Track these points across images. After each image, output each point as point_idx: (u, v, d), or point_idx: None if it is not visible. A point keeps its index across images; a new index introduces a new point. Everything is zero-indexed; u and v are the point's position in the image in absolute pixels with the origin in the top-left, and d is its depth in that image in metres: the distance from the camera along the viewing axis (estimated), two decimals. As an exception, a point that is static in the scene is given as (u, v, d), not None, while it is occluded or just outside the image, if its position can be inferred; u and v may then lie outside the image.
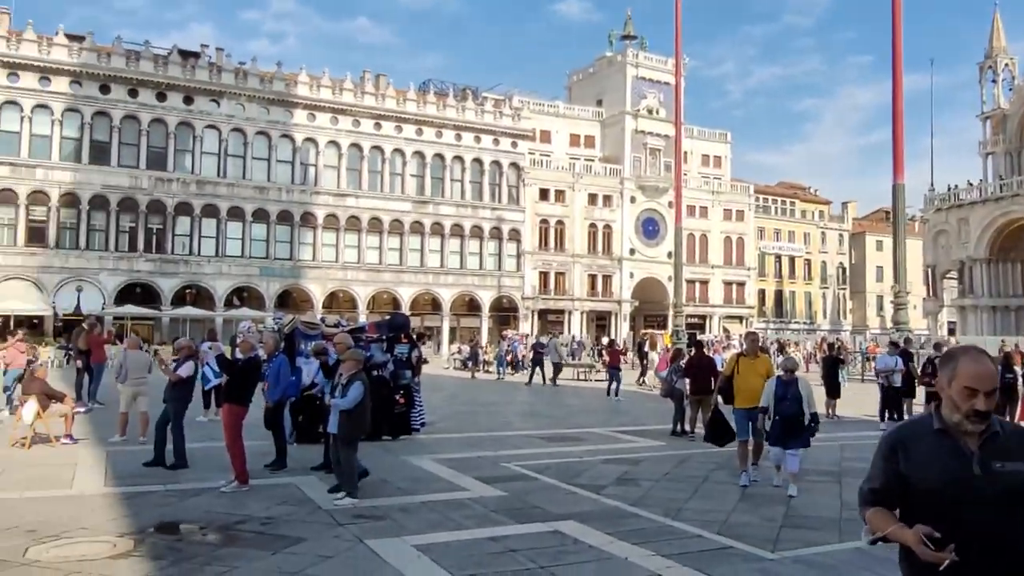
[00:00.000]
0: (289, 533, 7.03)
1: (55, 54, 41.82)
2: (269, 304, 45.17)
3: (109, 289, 42.05)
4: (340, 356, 9.24)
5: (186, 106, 44.67)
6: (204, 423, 14.50)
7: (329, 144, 48.42)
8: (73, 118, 42.01)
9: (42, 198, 41.10)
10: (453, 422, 15.94)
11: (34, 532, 6.92)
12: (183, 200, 44.21)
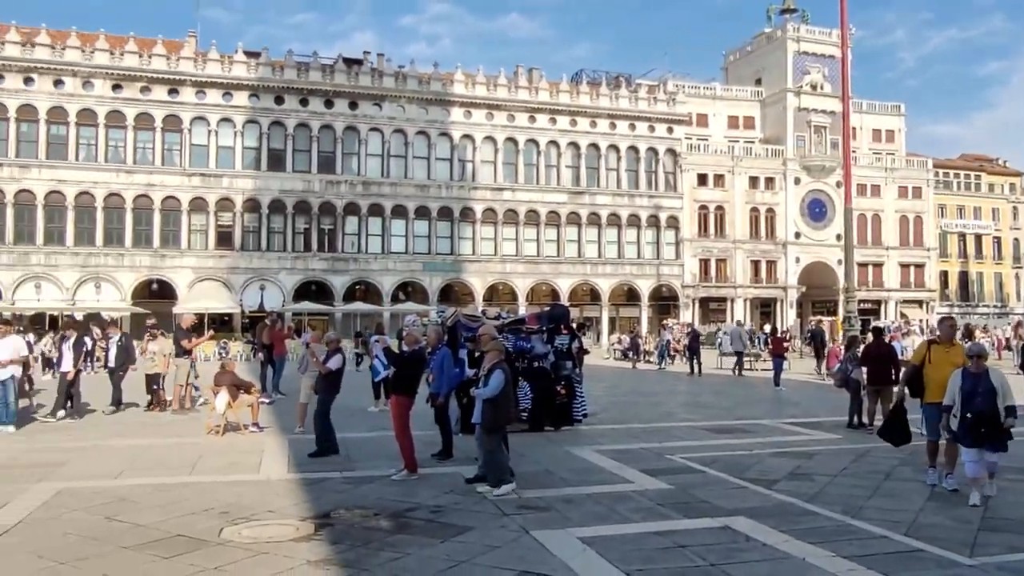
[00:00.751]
0: (457, 522, 7.18)
1: (235, 71, 45.08)
2: (432, 298, 46.71)
3: (288, 287, 44.93)
4: (483, 347, 9.31)
5: (351, 111, 46.90)
6: (374, 413, 15.15)
7: (485, 140, 49.35)
8: (252, 129, 45.14)
9: (228, 205, 44.47)
10: (615, 413, 15.80)
11: (227, 514, 7.46)
12: (351, 201, 46.48)
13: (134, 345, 16.82)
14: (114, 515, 7.41)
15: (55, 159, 41.78)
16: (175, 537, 6.69)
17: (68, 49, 42.30)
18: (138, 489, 8.56)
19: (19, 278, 40.80)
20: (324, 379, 10.80)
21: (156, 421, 14.31)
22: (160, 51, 43.94)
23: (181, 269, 43.45)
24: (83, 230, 42.14)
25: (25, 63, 41.45)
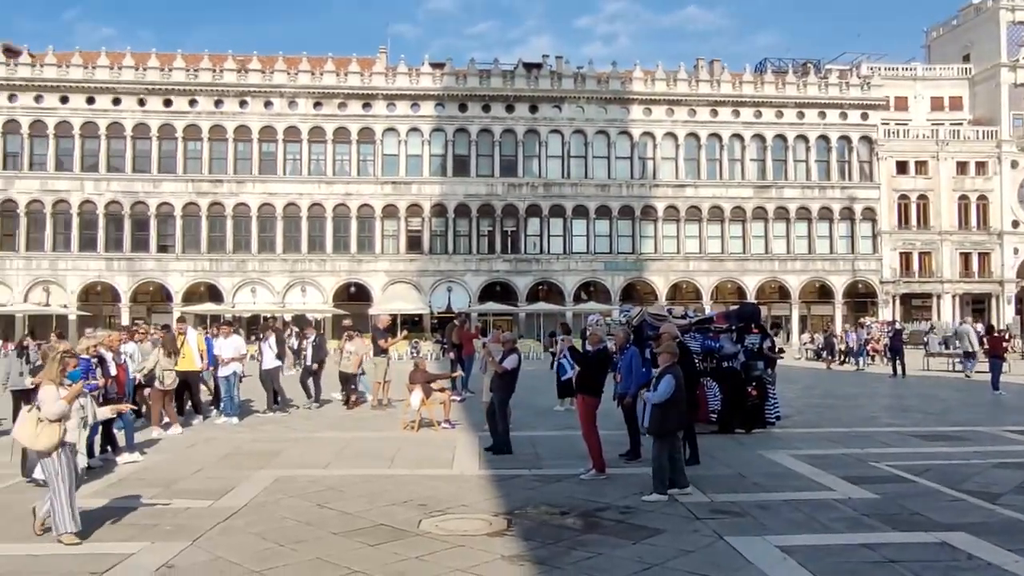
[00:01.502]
0: (647, 524, 7.10)
1: (422, 82, 47.19)
2: (614, 298, 46.57)
3: (473, 288, 46.42)
4: (657, 349, 9.05)
5: (532, 114, 47.73)
6: (560, 412, 15.30)
7: (666, 136, 48.58)
8: (439, 137, 47.06)
9: (417, 210, 46.62)
10: (810, 416, 15.03)
11: (425, 506, 7.79)
12: (533, 202, 47.29)
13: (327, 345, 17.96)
14: (325, 503, 7.96)
15: (266, 174, 45.61)
16: (379, 526, 7.07)
17: (276, 73, 46.02)
18: (345, 479, 9.14)
19: (238, 283, 44.91)
20: (500, 378, 10.99)
21: (356, 416, 15.22)
22: (355, 68, 46.80)
23: (375, 273, 46.05)
24: (290, 238, 45.68)
25: (240, 88, 45.54)
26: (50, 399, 6.53)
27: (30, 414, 6.57)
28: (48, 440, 6.46)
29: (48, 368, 6.83)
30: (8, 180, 43.86)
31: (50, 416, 6.46)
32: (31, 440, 6.53)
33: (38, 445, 6.50)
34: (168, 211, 44.95)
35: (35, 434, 6.47)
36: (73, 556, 6.20)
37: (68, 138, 44.66)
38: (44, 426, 6.45)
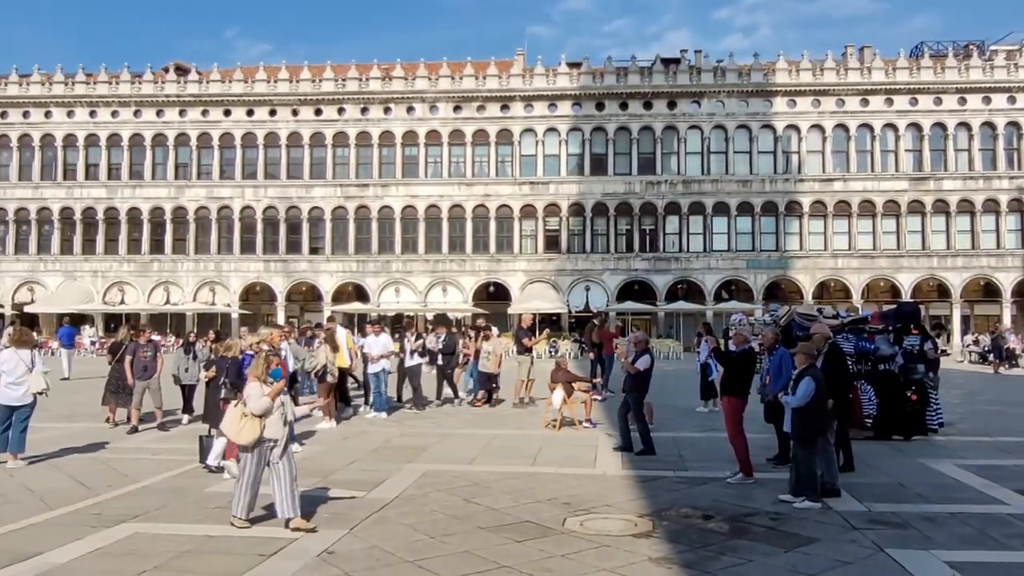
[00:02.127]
0: (800, 531, 6.86)
1: (559, 82, 47.40)
2: (757, 296, 45.10)
3: (611, 287, 46.18)
4: (793, 350, 8.65)
5: (670, 111, 46.95)
6: (704, 413, 15.02)
7: (812, 128, 46.56)
8: (576, 136, 47.11)
9: (554, 210, 46.87)
10: (976, 423, 14.04)
11: (569, 505, 7.86)
12: (672, 200, 46.52)
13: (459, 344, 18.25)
14: (471, 498, 8.17)
15: (409, 177, 47.16)
16: (524, 523, 7.19)
17: (418, 79, 47.49)
18: (490, 475, 9.34)
19: (383, 283, 46.69)
20: (632, 379, 10.93)
21: (497, 414, 15.50)
22: (493, 71, 47.59)
23: (514, 272, 46.65)
24: (432, 239, 47.00)
25: (384, 95, 47.31)
26: (255, 395, 6.91)
27: (236, 409, 6.96)
28: (250, 435, 6.84)
29: (254, 366, 7.23)
30: (179, 189, 47.47)
31: (255, 411, 6.85)
32: (235, 434, 6.90)
33: (241, 439, 6.89)
34: (319, 215, 47.29)
35: (239, 428, 6.86)
36: (244, 538, 6.67)
37: (230, 148, 47.83)
38: (247, 421, 6.85)
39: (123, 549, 6.39)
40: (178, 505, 7.90)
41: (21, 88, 48.38)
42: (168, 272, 47.28)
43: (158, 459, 10.45)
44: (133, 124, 47.88)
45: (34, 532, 6.91)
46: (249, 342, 10.30)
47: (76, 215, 47.56)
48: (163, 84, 48.35)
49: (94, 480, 9.09)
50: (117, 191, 47.59)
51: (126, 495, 8.38)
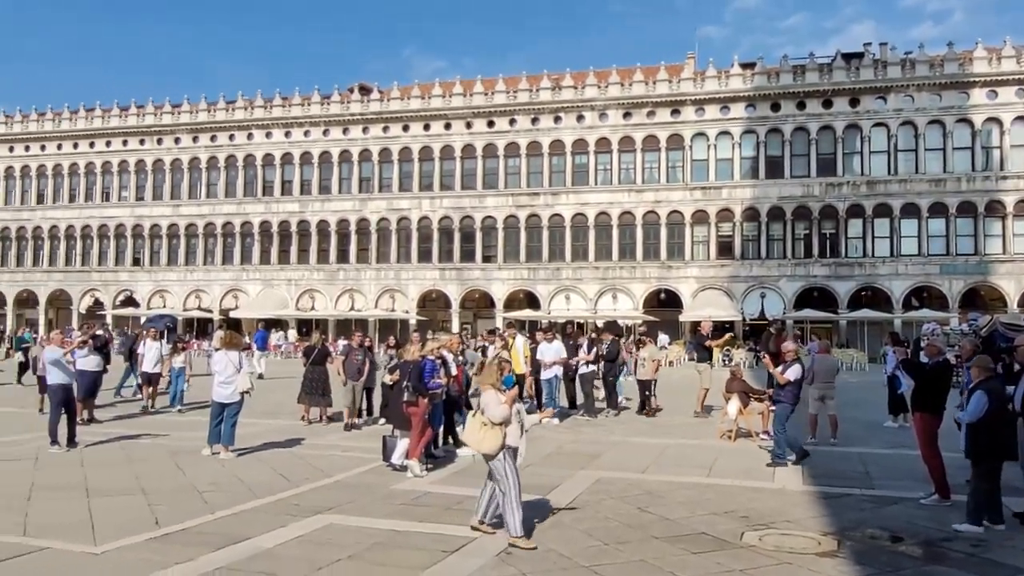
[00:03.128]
0: (1008, 561, 6.35)
1: (732, 84, 46.13)
2: (952, 304, 41.67)
3: (788, 295, 44.29)
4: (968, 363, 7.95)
5: (852, 108, 44.47)
6: (893, 428, 14.15)
7: (1016, 121, 42.49)
8: (749, 139, 45.65)
9: (727, 215, 45.62)
10: None
11: (747, 518, 7.67)
12: (854, 202, 44.01)
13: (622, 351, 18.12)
14: (645, 507, 8.16)
15: (579, 185, 47.50)
16: (700, 535, 7.10)
17: (587, 87, 47.78)
18: (663, 484, 9.28)
19: (553, 290, 47.25)
20: (780, 388, 10.59)
21: (669, 423, 15.30)
22: (663, 76, 47.05)
23: (685, 279, 45.80)
24: (601, 246, 47.04)
25: (554, 104, 47.95)
26: (494, 403, 6.85)
27: (475, 419, 6.90)
28: (492, 443, 6.75)
29: (487, 373, 7.25)
30: (362, 202, 50.34)
31: (494, 419, 6.77)
32: (477, 443, 6.82)
33: (484, 448, 6.81)
34: (491, 224, 48.59)
35: (480, 438, 6.79)
36: (427, 535, 7.02)
37: (409, 162, 50.16)
38: (488, 430, 6.79)
39: (320, 538, 6.91)
40: (367, 500, 8.43)
41: (227, 114, 53.15)
42: (353, 280, 50.21)
43: (348, 456, 11.18)
44: (322, 142, 51.31)
45: (244, 518, 7.61)
46: (429, 348, 10.78)
47: (273, 228, 51.56)
48: (348, 104, 51.50)
49: (293, 473, 9.86)
50: (308, 205, 51.14)
51: (321, 488, 9.04)
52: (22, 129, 56.52)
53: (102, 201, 54.81)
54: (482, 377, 7.24)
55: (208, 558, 6.26)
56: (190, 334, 47.16)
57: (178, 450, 11.51)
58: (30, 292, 55.93)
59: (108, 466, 10.24)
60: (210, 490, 8.81)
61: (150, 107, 54.65)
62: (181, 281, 52.84)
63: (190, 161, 53.32)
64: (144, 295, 53.16)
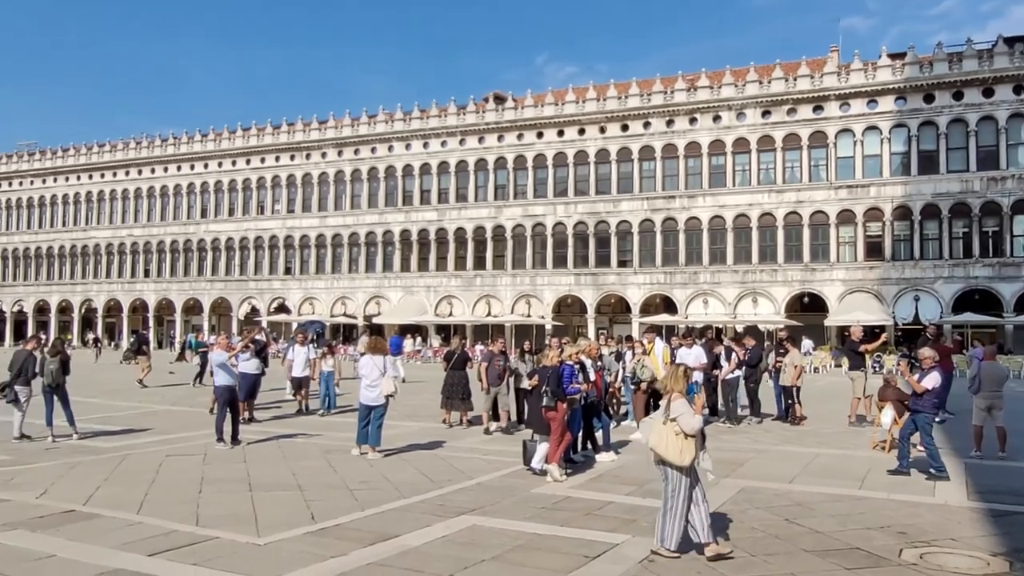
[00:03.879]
0: None
1: (879, 76, 43.76)
2: None
3: (945, 297, 41.49)
4: None
5: (1017, 96, 41.17)
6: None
7: None
8: (899, 133, 43.15)
9: (876, 214, 43.26)
10: None
11: (905, 535, 7.26)
12: (1020, 197, 40.73)
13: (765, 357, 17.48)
14: (793, 518, 7.87)
15: (716, 187, 46.38)
16: (853, 549, 6.79)
17: (723, 87, 46.63)
18: (812, 496, 8.92)
19: (690, 295, 46.32)
20: (918, 397, 9.92)
21: (816, 431, 14.68)
22: (804, 71, 45.26)
23: (831, 282, 43.78)
24: (740, 249, 45.72)
25: (690, 106, 47.09)
26: (687, 413, 6.59)
27: (665, 428, 6.58)
28: (689, 455, 6.50)
29: (673, 380, 6.88)
30: (498, 209, 51.15)
31: (690, 430, 6.53)
32: (676, 455, 6.50)
33: (683, 460, 6.50)
34: (626, 228, 48.20)
35: (679, 448, 6.50)
36: (569, 539, 7.06)
37: (543, 168, 50.56)
38: (684, 441, 6.51)
39: (465, 539, 7.09)
40: (509, 503, 8.57)
41: (369, 128, 55.43)
42: (489, 286, 51.08)
43: (488, 459, 11.39)
44: (459, 152, 52.57)
45: (392, 516, 7.90)
46: (568, 353, 10.83)
47: (413, 236, 53.24)
48: (483, 113, 52.51)
49: (436, 474, 10.16)
50: (446, 213, 52.49)
51: (464, 490, 9.26)
52: (188, 150, 61.05)
53: (257, 214, 58.38)
54: (668, 383, 6.90)
55: (360, 553, 6.55)
56: (337, 339, 49.39)
57: (330, 449, 12.10)
58: (196, 300, 60.28)
59: (267, 463, 10.90)
60: (360, 488, 9.21)
61: (299, 124, 57.79)
62: (328, 288, 55.45)
63: (335, 174, 55.92)
64: (295, 302, 56.16)
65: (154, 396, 21.27)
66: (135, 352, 27.41)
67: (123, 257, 63.36)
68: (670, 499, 6.58)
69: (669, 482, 6.60)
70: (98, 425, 14.47)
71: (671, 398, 6.71)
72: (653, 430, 6.69)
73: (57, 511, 7.91)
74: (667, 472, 6.62)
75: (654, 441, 6.63)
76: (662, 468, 6.66)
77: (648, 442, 6.72)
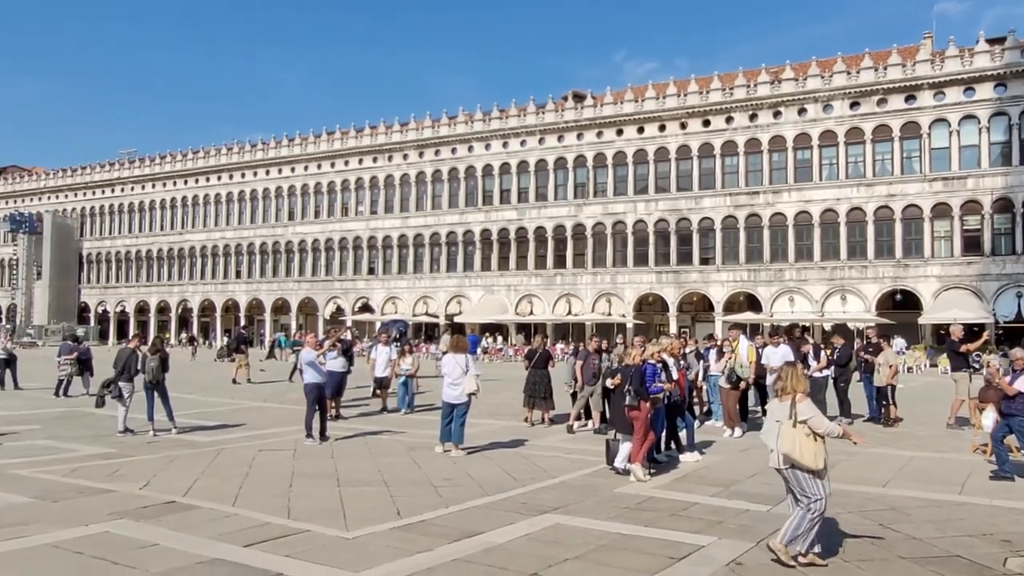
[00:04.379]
0: None
1: (977, 63, 41.76)
2: None
3: (1052, 294, 39.36)
4: None
5: None
6: None
7: None
8: (1000, 122, 41.11)
9: (974, 207, 41.34)
10: None
11: (1010, 543, 6.93)
12: None
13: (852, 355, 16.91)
14: (888, 523, 7.60)
15: (801, 181, 45.14)
16: (953, 557, 6.52)
17: (809, 79, 45.32)
18: (908, 500, 8.61)
19: (775, 292, 45.23)
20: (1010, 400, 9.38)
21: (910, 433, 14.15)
22: (895, 60, 43.61)
23: (925, 279, 42.07)
24: (828, 245, 44.38)
25: (774, 99, 45.95)
26: (819, 414, 6.38)
27: (796, 430, 6.25)
28: (823, 457, 6.25)
29: (796, 381, 6.49)
30: (578, 207, 51.01)
31: (825, 432, 6.29)
32: (812, 459, 6.19)
33: (818, 463, 6.22)
34: (708, 225, 47.38)
35: (813, 452, 6.21)
36: (653, 539, 6.99)
37: (623, 166, 50.16)
38: (816, 443, 6.24)
39: (548, 537, 7.10)
40: (592, 502, 8.54)
41: (449, 129, 56.09)
42: (569, 285, 50.98)
43: (570, 458, 11.38)
44: (538, 151, 52.64)
45: (476, 513, 7.98)
46: (651, 351, 10.72)
47: (493, 236, 53.59)
48: (563, 112, 52.44)
49: (519, 472, 10.21)
50: (525, 212, 52.65)
51: (546, 488, 9.27)
52: (275, 154, 62.98)
53: (341, 216, 59.80)
54: (790, 384, 6.49)
55: (446, 549, 6.64)
56: (418, 339, 50.14)
57: (414, 446, 12.30)
58: (284, 300, 62.15)
59: (354, 458, 11.15)
60: (444, 485, 9.33)
61: (381, 127, 58.90)
62: (410, 288, 56.35)
63: (416, 175, 56.77)
64: (378, 302, 57.28)
65: (246, 392, 22.04)
66: (234, 350, 28.35)
67: (216, 259, 65.83)
68: (814, 504, 6.19)
69: (803, 486, 6.24)
70: (195, 420, 15.08)
71: (795, 399, 6.35)
72: (783, 435, 6.28)
73: (159, 502, 8.29)
74: (797, 476, 6.27)
75: (787, 446, 6.23)
76: (791, 472, 6.30)
77: (779, 448, 6.31)
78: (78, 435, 13.27)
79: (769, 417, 6.69)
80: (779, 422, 6.40)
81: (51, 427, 14.32)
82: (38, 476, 9.60)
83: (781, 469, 6.36)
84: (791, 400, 6.39)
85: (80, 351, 21.05)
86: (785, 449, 6.25)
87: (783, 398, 6.47)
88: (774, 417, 6.54)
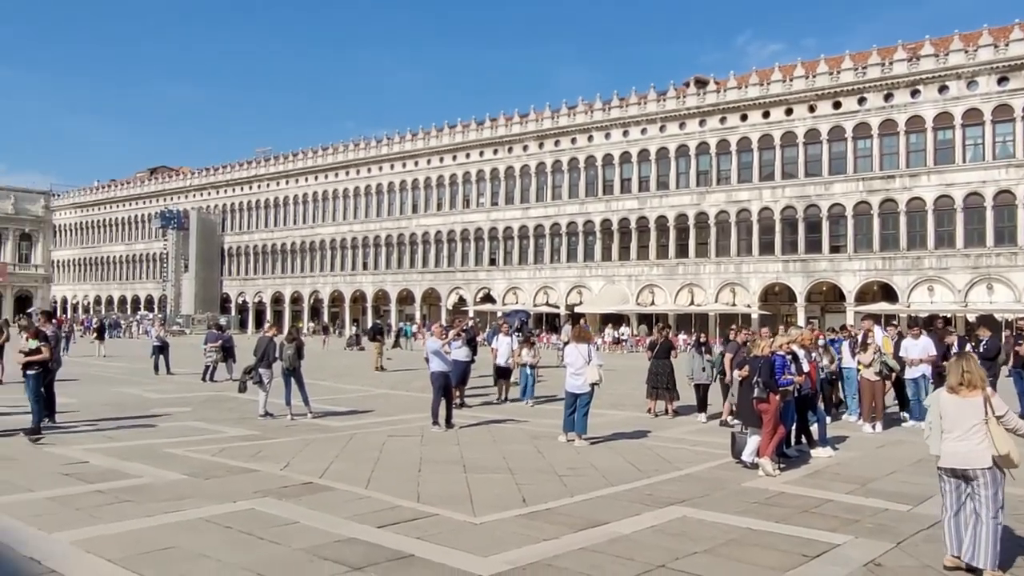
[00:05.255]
0: None
1: None
2: None
3: None
4: None
5: None
6: None
7: None
8: None
9: None
10: None
11: None
12: None
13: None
14: None
15: (942, 164, 42.48)
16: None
17: (951, 54, 42.54)
18: None
19: (913, 281, 42.81)
20: None
21: None
22: (1050, 29, 40.34)
23: (1086, 266, 38.82)
24: (972, 231, 41.62)
25: (911, 77, 43.40)
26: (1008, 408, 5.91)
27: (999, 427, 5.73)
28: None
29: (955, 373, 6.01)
30: (700, 195, 49.89)
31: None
32: (1019, 457, 5.73)
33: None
34: (839, 212, 45.33)
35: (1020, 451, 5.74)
36: (784, 536, 6.79)
37: (747, 152, 48.66)
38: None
39: (675, 529, 7.03)
40: (719, 495, 8.39)
41: (569, 119, 55.99)
42: (692, 275, 50.00)
43: (696, 450, 11.21)
44: (659, 139, 51.80)
45: (600, 503, 7.99)
46: (779, 343, 10.41)
47: (613, 225, 53.20)
48: (684, 98, 51.35)
49: (643, 463, 10.14)
50: (647, 201, 51.95)
51: (671, 480, 9.18)
52: (399, 149, 64.76)
53: (463, 208, 60.84)
54: (977, 376, 5.87)
55: (571, 538, 6.68)
56: (539, 329, 50.45)
57: (537, 435, 12.42)
58: (408, 291, 63.89)
59: (479, 446, 11.38)
60: (568, 474, 9.39)
61: (501, 119, 59.43)
62: (531, 278, 56.73)
63: (536, 166, 57.02)
64: (499, 292, 57.98)
65: (375, 379, 22.85)
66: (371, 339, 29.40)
67: (344, 251, 68.38)
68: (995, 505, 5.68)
69: (998, 490, 5.70)
70: (328, 406, 15.75)
71: (987, 394, 5.79)
72: (996, 434, 5.68)
73: (298, 482, 8.73)
74: (996, 479, 5.70)
75: (1007, 445, 5.63)
76: (991, 474, 5.70)
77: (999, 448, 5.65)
78: (223, 418, 14.13)
79: (933, 414, 6.09)
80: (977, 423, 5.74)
81: (200, 410, 15.30)
82: (190, 455, 10.30)
83: (982, 470, 5.69)
84: (983, 395, 5.79)
85: (224, 339, 22.36)
86: (1006, 449, 5.63)
87: (967, 393, 5.84)
88: (950, 415, 5.90)
